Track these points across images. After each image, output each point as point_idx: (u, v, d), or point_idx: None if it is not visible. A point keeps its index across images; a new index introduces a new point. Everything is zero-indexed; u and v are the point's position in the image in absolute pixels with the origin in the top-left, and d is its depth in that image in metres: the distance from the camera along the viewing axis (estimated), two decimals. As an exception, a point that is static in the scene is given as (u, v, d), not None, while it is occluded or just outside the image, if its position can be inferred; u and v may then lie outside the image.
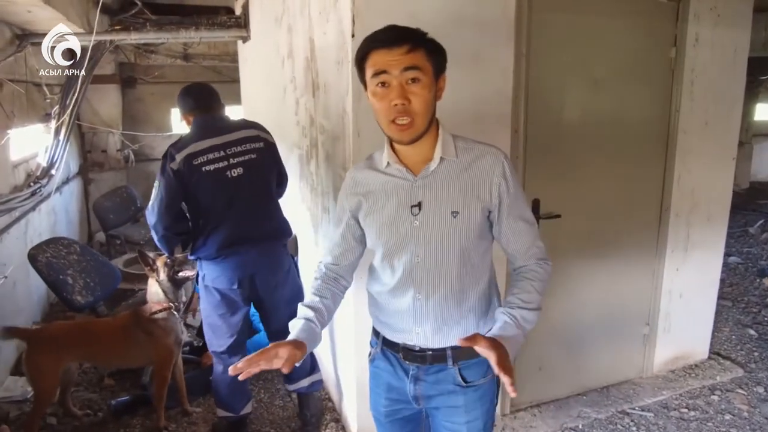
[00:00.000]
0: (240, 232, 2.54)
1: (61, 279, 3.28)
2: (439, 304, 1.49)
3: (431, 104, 1.40)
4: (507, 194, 1.46)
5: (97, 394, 3.28)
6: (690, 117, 3.06)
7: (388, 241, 1.52)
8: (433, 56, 1.38)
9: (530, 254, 1.51)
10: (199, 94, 2.68)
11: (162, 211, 2.46)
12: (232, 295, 2.61)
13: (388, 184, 1.51)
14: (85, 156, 6.42)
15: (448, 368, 1.54)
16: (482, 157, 1.46)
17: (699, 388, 3.28)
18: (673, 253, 3.23)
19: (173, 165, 2.44)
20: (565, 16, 2.65)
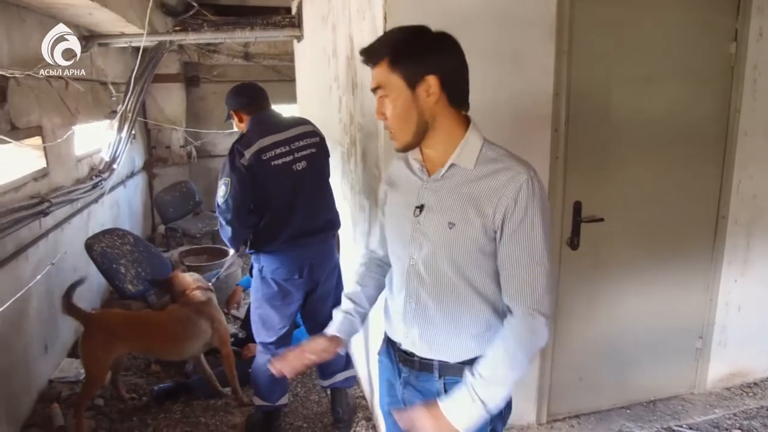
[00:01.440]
0: (303, 224, 2.60)
1: (114, 268, 3.44)
2: (427, 313, 1.43)
3: (407, 115, 1.34)
4: (512, 217, 1.30)
5: (143, 379, 3.42)
6: (752, 117, 2.85)
7: (392, 237, 1.53)
8: (400, 66, 1.31)
9: (520, 296, 1.32)
10: (253, 92, 2.76)
11: (237, 207, 2.49)
12: (290, 286, 2.66)
13: (407, 179, 1.49)
14: (150, 151, 6.71)
15: (433, 380, 1.46)
16: (501, 172, 1.33)
17: (756, 409, 3.06)
18: (731, 264, 3.03)
19: (243, 161, 2.49)
20: (611, 10, 2.53)
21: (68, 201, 3.61)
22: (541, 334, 1.32)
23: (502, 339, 1.34)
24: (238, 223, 2.54)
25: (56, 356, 3.51)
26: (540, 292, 1.32)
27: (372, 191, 2.60)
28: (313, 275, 2.70)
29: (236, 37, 4.54)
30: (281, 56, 6.62)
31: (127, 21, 3.76)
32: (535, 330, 1.31)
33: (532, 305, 1.31)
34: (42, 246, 3.35)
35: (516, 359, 1.31)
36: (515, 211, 1.30)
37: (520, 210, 1.30)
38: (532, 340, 1.32)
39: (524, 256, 1.32)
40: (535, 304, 1.31)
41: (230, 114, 2.81)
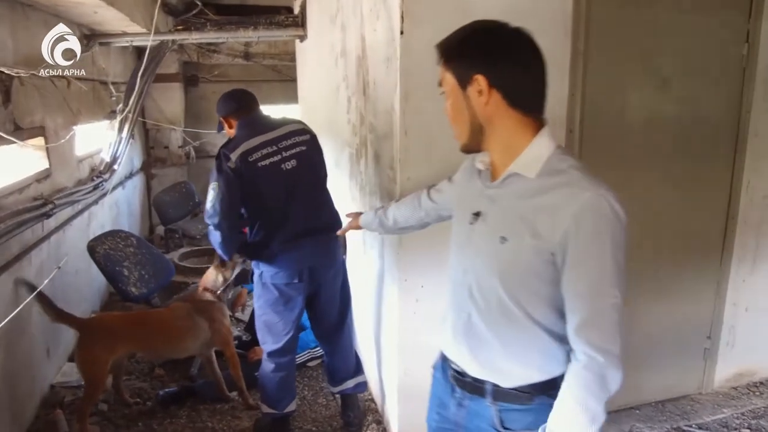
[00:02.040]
0: (300, 225, 2.55)
1: (118, 270, 3.40)
2: (477, 330, 1.33)
3: (459, 116, 1.28)
4: (575, 242, 1.15)
5: (147, 383, 3.38)
6: (763, 119, 2.86)
7: (452, 244, 1.44)
8: (452, 65, 1.27)
9: (583, 334, 1.17)
10: (240, 96, 2.73)
11: (226, 211, 2.45)
12: (291, 290, 2.60)
13: (471, 181, 1.43)
14: (149, 152, 6.65)
15: (485, 404, 1.34)
16: (561, 187, 1.17)
17: (764, 408, 3.07)
18: (739, 264, 3.03)
19: (230, 164, 2.45)
20: (626, 11, 2.52)
21: (71, 202, 3.57)
22: (612, 378, 1.17)
23: (569, 389, 1.20)
24: (227, 228, 2.49)
25: (58, 361, 3.46)
26: (608, 331, 1.16)
27: (386, 192, 2.57)
28: (314, 278, 2.64)
29: (239, 37, 4.51)
30: (282, 56, 6.59)
31: (131, 20, 3.72)
32: (605, 375, 1.16)
33: (598, 345, 1.16)
34: (45, 248, 3.30)
35: (589, 410, 1.17)
36: (578, 234, 1.14)
37: (584, 235, 1.14)
38: (603, 386, 1.17)
39: (589, 288, 1.17)
40: (602, 343, 1.16)
41: (221, 122, 2.78)
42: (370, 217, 2.07)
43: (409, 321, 2.51)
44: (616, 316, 1.17)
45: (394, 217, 1.94)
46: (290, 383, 2.80)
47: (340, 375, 2.84)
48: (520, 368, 1.30)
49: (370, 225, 2.09)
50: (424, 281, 2.47)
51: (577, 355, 1.19)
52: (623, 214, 1.16)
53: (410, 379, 2.57)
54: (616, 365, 1.16)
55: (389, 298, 2.63)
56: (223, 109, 2.73)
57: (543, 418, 1.25)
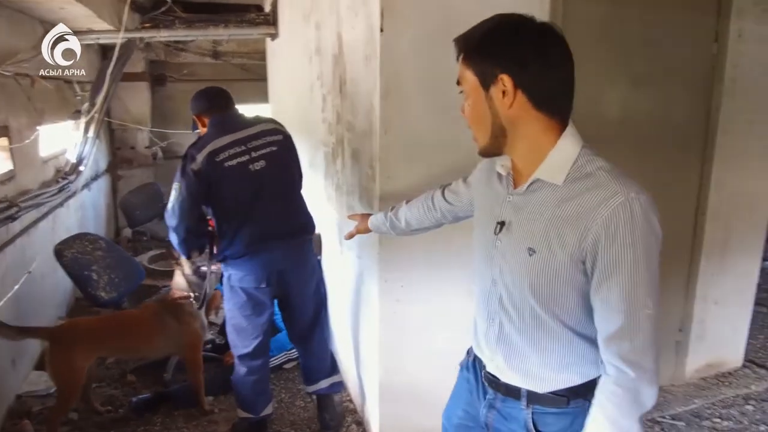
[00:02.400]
0: (267, 227, 2.50)
1: (86, 274, 3.30)
2: (511, 339, 1.28)
3: (481, 118, 1.19)
4: (606, 250, 1.08)
5: (119, 390, 3.29)
6: (731, 116, 2.93)
7: (475, 251, 1.38)
8: (474, 63, 1.17)
9: (615, 347, 1.11)
10: (213, 94, 2.68)
11: (185, 213, 2.43)
12: (259, 294, 2.57)
13: (493, 187, 1.34)
14: (115, 153, 6.49)
15: (520, 408, 1.30)
16: (591, 192, 1.10)
17: (733, 397, 3.16)
18: (709, 259, 3.11)
19: (194, 166, 2.41)
20: (601, 9, 2.56)
21: (36, 205, 3.45)
22: (646, 394, 1.10)
23: (600, 406, 1.14)
24: (184, 231, 2.47)
25: (24, 370, 3.34)
26: (640, 344, 1.09)
27: (365, 192, 2.56)
28: (283, 282, 2.60)
29: (210, 35, 4.44)
30: (251, 55, 6.51)
31: (98, 17, 3.61)
32: (638, 391, 1.09)
33: (629, 358, 1.09)
34: (9, 253, 3.18)
35: (622, 428, 1.12)
36: (609, 242, 1.08)
37: (616, 241, 1.07)
38: (635, 403, 1.10)
39: (621, 299, 1.09)
40: (634, 356, 1.09)
41: (194, 121, 2.73)
42: (380, 219, 1.97)
43: (389, 321, 2.49)
44: (649, 328, 1.10)
45: (407, 219, 1.84)
46: (264, 386, 2.76)
47: (314, 375, 2.81)
48: (557, 374, 1.26)
49: (380, 227, 1.99)
50: (405, 281, 2.46)
51: (607, 369, 1.14)
52: (656, 219, 1.11)
53: (391, 379, 2.55)
54: (648, 380, 1.10)
55: (369, 298, 2.61)
56: (196, 107, 2.68)
57: (580, 421, 1.21)
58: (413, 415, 2.54)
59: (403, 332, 2.51)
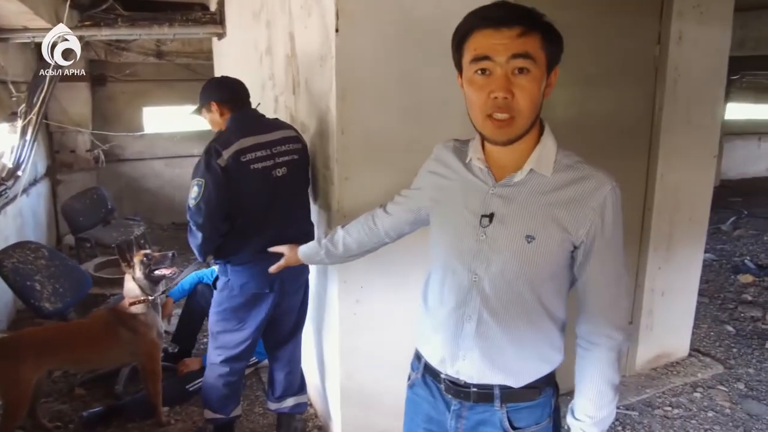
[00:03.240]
0: (280, 234, 2.37)
1: (29, 285, 3.14)
2: (490, 334, 1.29)
3: (538, 102, 1.17)
4: (601, 236, 1.21)
5: (67, 405, 3.14)
6: (673, 115, 3.06)
7: (447, 249, 1.35)
8: (550, 45, 1.16)
9: (607, 317, 1.26)
10: (237, 85, 2.56)
11: (212, 211, 2.31)
12: (259, 300, 2.48)
13: (466, 182, 1.31)
14: (53, 156, 6.20)
15: (494, 409, 1.32)
16: (582, 182, 1.20)
17: (681, 386, 3.29)
18: (655, 252, 3.23)
19: (220, 161, 2.29)
20: (549, 12, 2.60)
21: (-29, 213, 3.26)
22: (624, 348, 1.31)
23: (599, 373, 1.27)
24: (209, 229, 2.34)
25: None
26: (624, 308, 1.29)
27: (323, 194, 2.53)
28: (284, 290, 2.53)
29: (153, 34, 4.29)
30: (197, 54, 6.33)
31: (34, 14, 3.44)
32: (621, 348, 1.28)
33: (618, 324, 1.26)
34: (-57, 264, 3.00)
35: (615, 384, 1.29)
36: (603, 227, 1.20)
37: (608, 226, 1.21)
38: (619, 358, 1.30)
39: (612, 274, 1.25)
40: (621, 321, 1.27)
41: (205, 107, 2.55)
42: (312, 248, 1.85)
43: (349, 323, 2.48)
44: (626, 292, 1.31)
45: (345, 244, 1.73)
46: (238, 390, 2.68)
47: (282, 391, 2.73)
48: (532, 364, 1.31)
49: (312, 257, 1.87)
50: (365, 282, 2.45)
51: (598, 340, 1.27)
52: None
53: (352, 383, 2.54)
54: (628, 336, 1.30)
55: (329, 300, 2.59)
56: (217, 94, 2.51)
57: (547, 410, 1.34)
58: (376, 419, 2.54)
59: (363, 334, 2.50)
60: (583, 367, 1.30)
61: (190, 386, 3.18)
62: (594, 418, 1.28)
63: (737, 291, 4.86)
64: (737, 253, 5.94)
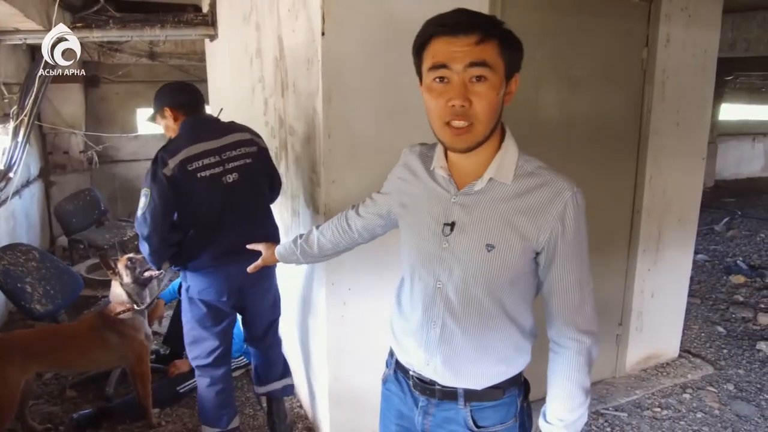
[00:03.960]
0: (234, 242, 2.36)
1: (20, 287, 3.14)
2: (453, 340, 1.31)
3: (497, 109, 1.17)
4: (562, 240, 1.21)
5: (58, 406, 3.14)
6: (661, 118, 3.07)
7: (413, 255, 1.36)
8: (508, 52, 1.15)
9: (573, 321, 1.26)
10: (192, 91, 2.53)
11: (157, 222, 2.29)
12: (219, 306, 2.48)
13: (429, 190, 1.32)
14: (47, 158, 6.20)
15: (458, 408, 1.35)
16: (542, 188, 1.20)
17: (671, 387, 3.30)
18: (645, 253, 3.24)
19: (166, 171, 2.28)
20: (539, 14, 2.62)
21: (-39, 215, 3.26)
22: (595, 353, 1.29)
23: (565, 376, 1.27)
24: (157, 240, 2.33)
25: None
26: (590, 313, 1.27)
27: (310, 196, 2.54)
28: (243, 296, 2.53)
29: (145, 36, 4.28)
30: (189, 56, 6.34)
31: (25, 16, 3.43)
32: (591, 353, 1.28)
33: (585, 328, 1.26)
34: (-67, 266, 3.00)
35: (584, 387, 1.28)
36: (564, 233, 1.20)
37: (569, 232, 1.20)
38: (590, 362, 1.29)
39: (574, 280, 1.24)
40: (588, 326, 1.27)
41: (159, 113, 2.54)
42: (288, 248, 1.85)
43: (337, 325, 2.48)
44: (593, 299, 1.28)
45: (319, 244, 1.75)
46: (229, 398, 2.65)
47: (266, 376, 2.76)
48: (495, 368, 1.32)
49: (289, 257, 1.87)
50: (352, 284, 2.45)
51: (565, 343, 1.27)
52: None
53: (340, 383, 2.55)
54: (597, 341, 1.29)
55: (316, 301, 2.59)
56: (170, 100, 2.49)
57: (513, 409, 1.36)
58: (364, 419, 2.54)
59: (351, 335, 2.51)
60: (553, 370, 1.31)
61: (181, 388, 3.18)
62: (564, 421, 1.29)
63: (729, 292, 4.88)
64: (730, 254, 5.95)
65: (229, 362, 2.65)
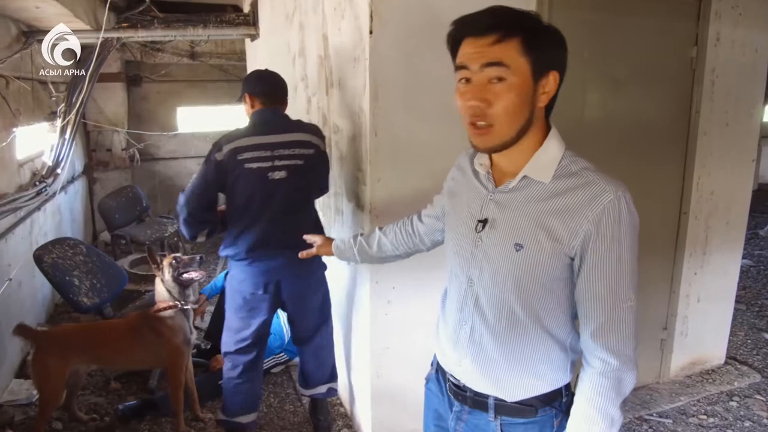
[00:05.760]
0: (272, 236, 2.45)
1: (68, 280, 3.22)
2: (482, 342, 1.27)
3: (520, 110, 1.12)
4: (595, 247, 1.12)
5: (103, 398, 3.22)
6: (710, 118, 3.00)
7: (451, 253, 1.35)
8: (535, 50, 1.10)
9: (600, 337, 1.16)
10: (272, 84, 2.58)
11: (193, 196, 2.42)
12: (256, 300, 2.53)
13: (471, 187, 1.31)
14: (90, 155, 6.36)
15: (488, 420, 1.30)
16: (580, 189, 1.13)
17: (717, 394, 3.22)
18: (691, 257, 3.17)
19: (218, 155, 2.40)
20: (586, 14, 2.59)
21: (13, 210, 3.36)
22: (627, 381, 1.18)
23: (585, 397, 1.19)
24: (187, 211, 2.45)
25: (4, 379, 3.25)
26: (625, 335, 1.16)
27: (354, 195, 2.54)
28: (281, 292, 2.55)
29: (188, 35, 4.36)
30: (229, 55, 6.43)
31: (74, 16, 3.53)
32: (621, 379, 1.17)
33: (614, 349, 1.15)
34: (-14, 259, 3.10)
35: (608, 415, 1.18)
36: (598, 238, 1.12)
37: (605, 238, 1.11)
38: (619, 390, 1.17)
39: (608, 293, 1.14)
40: (619, 346, 1.15)
41: (243, 97, 2.60)
42: (347, 243, 1.84)
43: (380, 323, 2.49)
44: (632, 319, 1.17)
45: (380, 244, 1.73)
46: (250, 391, 2.66)
47: (313, 380, 2.77)
48: (525, 380, 1.26)
49: (345, 252, 1.85)
50: (396, 283, 2.46)
51: (592, 361, 1.19)
52: (637, 215, 1.15)
53: (382, 382, 2.55)
54: (630, 367, 1.17)
55: (360, 300, 2.60)
56: (251, 87, 2.56)
57: (547, 430, 1.27)
58: (405, 418, 2.55)
59: (394, 334, 2.51)
60: (578, 386, 1.23)
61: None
62: None
63: (775, 298, 4.74)
64: (775, 259, 5.79)
65: (256, 354, 2.63)
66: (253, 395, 2.71)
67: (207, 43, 6.22)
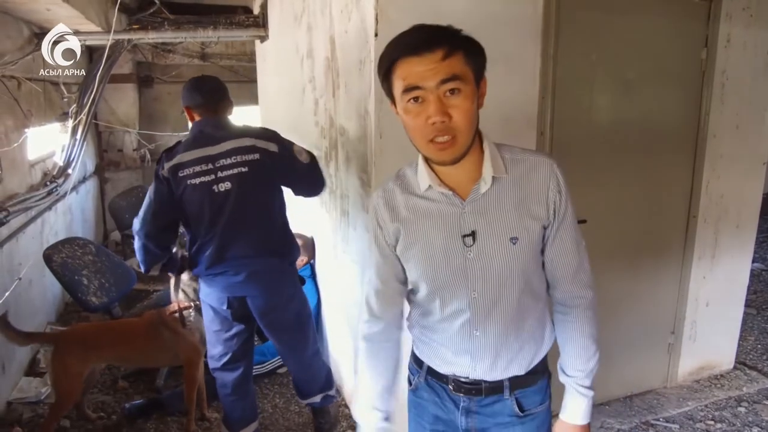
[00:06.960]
0: (227, 250, 2.35)
1: (77, 279, 3.25)
2: (498, 338, 1.32)
3: (474, 116, 1.19)
4: (562, 209, 1.28)
5: (111, 396, 3.25)
6: (720, 120, 2.97)
7: (436, 277, 1.31)
8: (473, 59, 1.16)
9: (577, 280, 1.35)
10: (207, 92, 2.45)
11: (148, 218, 2.33)
12: (223, 314, 2.49)
13: (431, 211, 1.29)
14: (102, 155, 6.42)
15: (504, 399, 1.38)
16: (534, 170, 1.27)
17: (725, 399, 3.18)
18: (700, 261, 3.14)
19: (162, 172, 2.32)
20: (594, 15, 2.57)
21: (24, 209, 3.41)
22: (596, 305, 1.38)
23: (579, 332, 1.37)
24: (144, 235, 2.35)
25: (13, 377, 3.29)
26: (588, 269, 1.37)
27: (359, 196, 2.55)
28: (248, 309, 2.48)
29: (198, 37, 4.39)
30: (239, 57, 6.47)
31: (85, 18, 3.57)
32: (594, 304, 1.38)
33: (588, 283, 1.36)
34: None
35: (595, 339, 1.38)
36: (561, 201, 1.28)
37: (564, 199, 1.28)
38: (595, 314, 1.38)
39: (572, 243, 1.32)
40: (590, 280, 1.36)
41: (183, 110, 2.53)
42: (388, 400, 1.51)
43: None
44: (587, 255, 1.36)
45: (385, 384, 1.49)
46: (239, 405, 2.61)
47: (305, 390, 2.74)
48: (531, 348, 1.39)
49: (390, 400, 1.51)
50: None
51: (575, 302, 1.37)
52: None
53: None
54: (596, 292, 1.38)
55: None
56: (187, 99, 2.46)
57: (547, 393, 1.45)
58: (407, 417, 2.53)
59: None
60: (564, 329, 1.39)
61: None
62: (584, 371, 1.37)
63: (787, 302, 4.68)
64: (787, 263, 5.72)
65: (243, 370, 2.59)
66: (250, 407, 2.69)
67: (217, 45, 6.26)
